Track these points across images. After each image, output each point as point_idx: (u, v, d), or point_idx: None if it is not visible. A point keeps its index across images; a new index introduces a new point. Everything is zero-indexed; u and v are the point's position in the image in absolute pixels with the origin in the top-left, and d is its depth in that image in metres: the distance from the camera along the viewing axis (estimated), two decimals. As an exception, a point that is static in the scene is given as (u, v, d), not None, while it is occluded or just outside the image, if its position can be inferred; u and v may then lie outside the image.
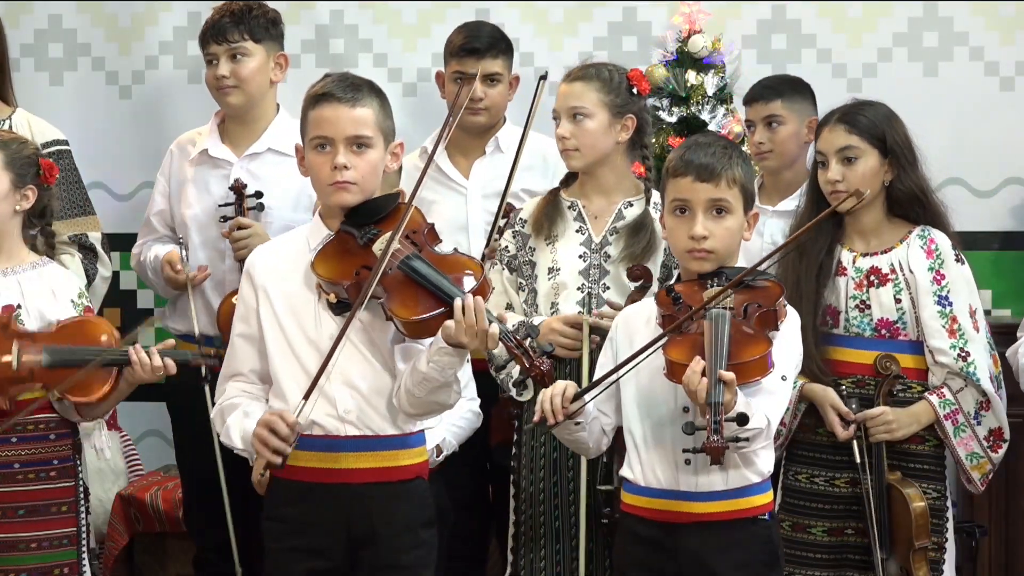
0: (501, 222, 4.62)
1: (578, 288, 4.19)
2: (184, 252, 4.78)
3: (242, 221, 4.71)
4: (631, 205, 4.25)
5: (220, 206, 4.77)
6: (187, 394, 4.72)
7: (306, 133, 3.60)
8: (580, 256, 4.23)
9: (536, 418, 3.53)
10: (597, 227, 4.25)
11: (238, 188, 4.75)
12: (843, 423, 4.11)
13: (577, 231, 4.25)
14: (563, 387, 3.50)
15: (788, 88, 4.86)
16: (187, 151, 4.92)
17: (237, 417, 3.58)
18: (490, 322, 3.41)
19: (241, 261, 4.60)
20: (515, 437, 4.32)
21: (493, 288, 4.12)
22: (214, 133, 4.90)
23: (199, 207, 4.85)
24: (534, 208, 4.30)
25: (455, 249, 3.66)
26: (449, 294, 3.42)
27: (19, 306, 4.06)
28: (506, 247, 4.32)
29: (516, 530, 4.30)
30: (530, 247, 4.28)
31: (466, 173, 4.96)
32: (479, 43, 4.92)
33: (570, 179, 4.33)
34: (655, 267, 4.20)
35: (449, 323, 3.40)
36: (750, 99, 4.89)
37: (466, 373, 4.10)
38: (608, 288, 4.19)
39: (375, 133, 3.57)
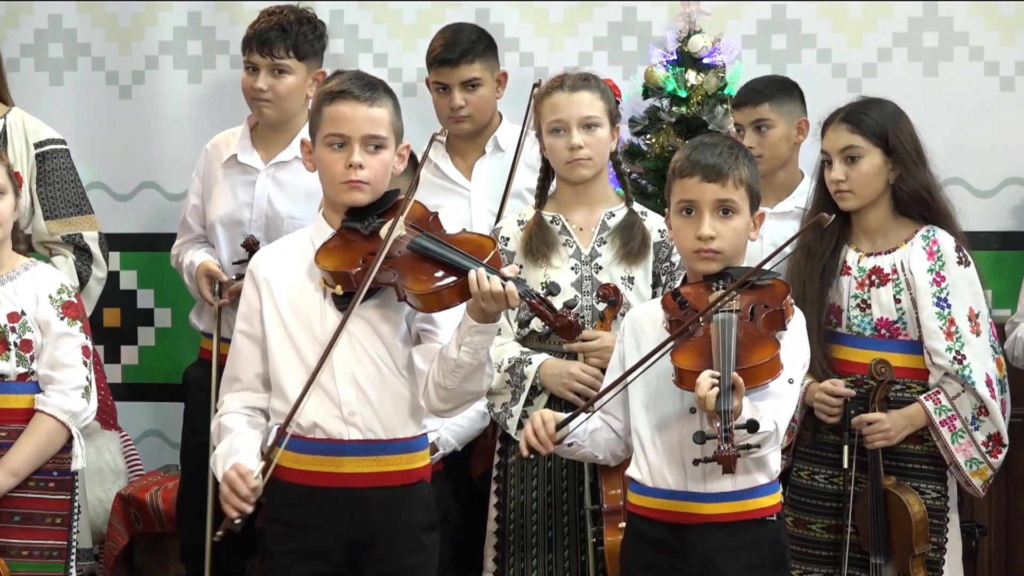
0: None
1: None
2: (219, 285, 4.76)
3: (236, 287, 4.61)
4: (613, 215, 4.26)
5: (234, 263, 4.76)
6: (204, 388, 4.76)
7: (319, 129, 3.58)
8: (572, 268, 4.22)
9: (524, 453, 3.51)
10: (583, 239, 4.25)
11: (250, 245, 4.70)
12: (831, 408, 4.11)
13: (564, 244, 4.24)
14: (542, 419, 3.50)
15: (776, 90, 4.85)
16: (220, 152, 4.91)
17: (224, 448, 3.57)
18: (505, 282, 3.38)
19: None
20: (498, 446, 4.32)
21: (510, 261, 4.15)
22: (245, 137, 4.89)
23: (224, 211, 4.84)
24: (523, 234, 4.27)
25: (463, 229, 3.67)
26: (462, 264, 3.42)
27: (23, 312, 4.09)
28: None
29: (501, 540, 4.29)
30: (518, 264, 4.24)
31: (467, 174, 4.95)
32: (451, 53, 4.88)
33: (543, 195, 4.31)
34: (646, 270, 4.21)
35: (471, 299, 3.39)
36: (738, 103, 4.88)
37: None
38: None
39: (389, 134, 3.57)
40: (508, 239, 4.30)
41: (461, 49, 4.88)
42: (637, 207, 4.30)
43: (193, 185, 4.99)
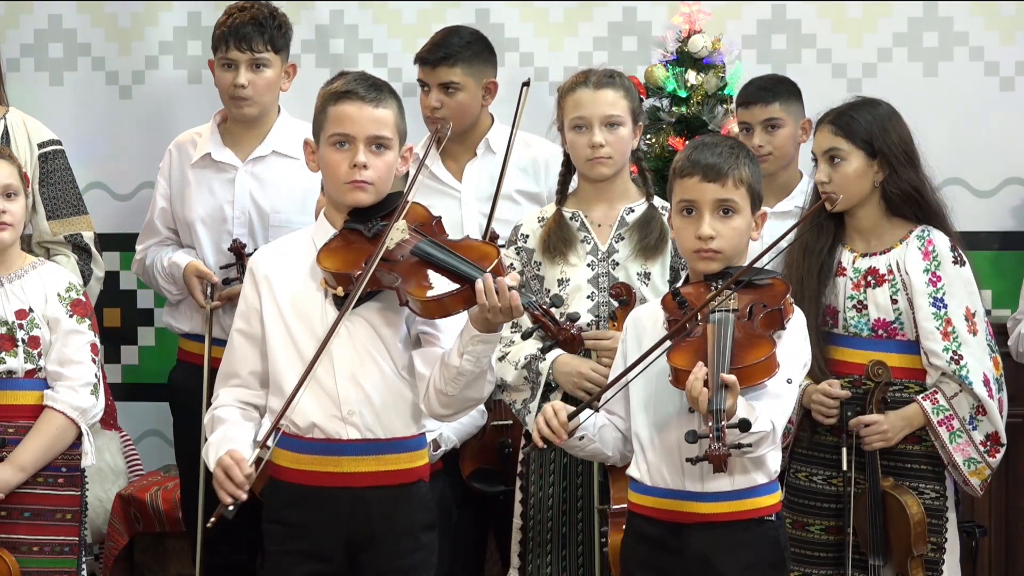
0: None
1: (588, 296, 4.20)
2: (209, 287, 4.73)
3: (229, 292, 4.63)
4: (632, 211, 4.26)
5: (222, 268, 4.72)
6: (190, 393, 4.73)
7: (323, 129, 3.57)
8: (588, 265, 4.23)
9: (539, 443, 3.50)
10: (602, 235, 4.25)
11: (237, 249, 4.68)
12: (828, 409, 4.11)
13: (583, 240, 4.25)
14: (553, 409, 3.50)
15: (783, 90, 4.86)
16: (188, 153, 4.85)
17: (217, 438, 3.54)
18: (510, 290, 3.37)
19: None
20: (523, 443, 4.33)
21: (512, 266, 4.14)
22: (215, 135, 4.83)
23: (203, 210, 4.80)
24: (541, 231, 4.28)
25: (467, 236, 3.66)
26: (465, 272, 3.41)
27: (30, 309, 4.11)
28: (511, 264, 4.28)
29: (524, 535, 4.31)
30: (536, 262, 4.27)
31: (458, 176, 4.91)
32: (432, 54, 4.84)
33: (564, 191, 4.32)
34: (663, 265, 4.21)
35: (475, 308, 3.38)
36: (746, 101, 4.86)
37: None
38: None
39: (393, 135, 3.57)
40: (528, 236, 4.30)
41: (443, 51, 4.84)
42: (657, 201, 4.29)
43: (159, 188, 4.90)
